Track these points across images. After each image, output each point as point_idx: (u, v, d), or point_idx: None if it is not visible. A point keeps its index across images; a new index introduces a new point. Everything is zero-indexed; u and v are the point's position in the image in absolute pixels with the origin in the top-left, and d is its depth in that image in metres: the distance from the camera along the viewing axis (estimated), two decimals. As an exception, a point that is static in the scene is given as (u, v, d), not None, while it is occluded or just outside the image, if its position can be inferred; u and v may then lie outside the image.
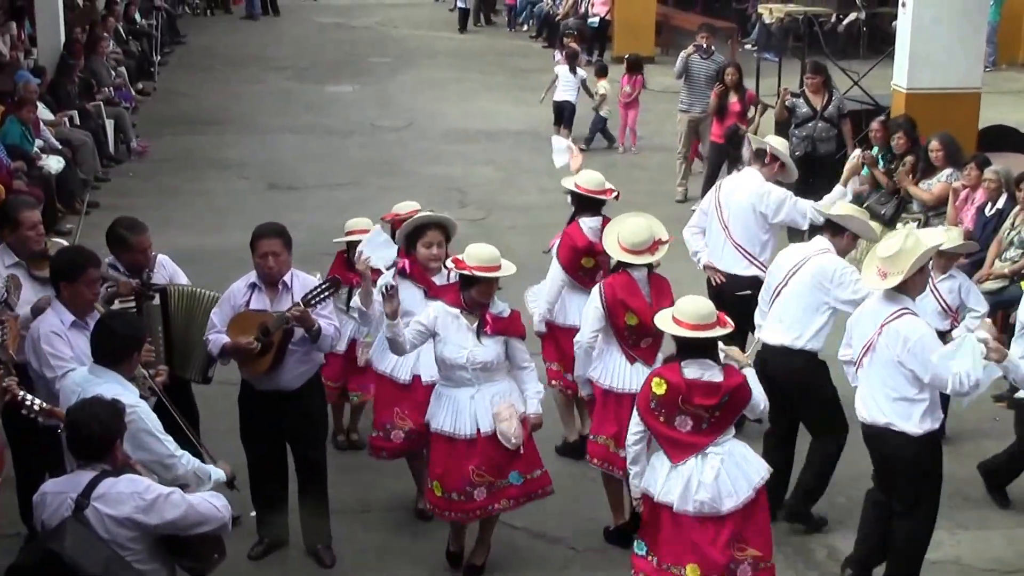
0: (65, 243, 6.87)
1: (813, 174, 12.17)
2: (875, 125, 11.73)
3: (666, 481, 5.73)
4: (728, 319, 5.82)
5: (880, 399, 6.08)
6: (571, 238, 7.54)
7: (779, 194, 8.07)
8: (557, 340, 7.69)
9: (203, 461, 5.53)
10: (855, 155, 8.93)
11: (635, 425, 5.83)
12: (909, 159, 10.84)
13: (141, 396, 5.43)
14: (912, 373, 5.93)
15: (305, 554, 6.82)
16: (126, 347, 5.37)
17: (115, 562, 4.69)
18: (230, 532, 5.01)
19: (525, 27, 25.53)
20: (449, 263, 6.60)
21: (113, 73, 17.01)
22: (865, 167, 11.46)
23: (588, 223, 7.53)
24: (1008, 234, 9.53)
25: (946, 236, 7.22)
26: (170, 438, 5.37)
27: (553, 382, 7.79)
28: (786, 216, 8.08)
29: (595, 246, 7.37)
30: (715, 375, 5.70)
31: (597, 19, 22.03)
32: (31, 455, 6.34)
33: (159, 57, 21.05)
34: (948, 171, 10.54)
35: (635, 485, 5.90)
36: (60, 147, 13.24)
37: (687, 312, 5.74)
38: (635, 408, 5.88)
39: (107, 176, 14.34)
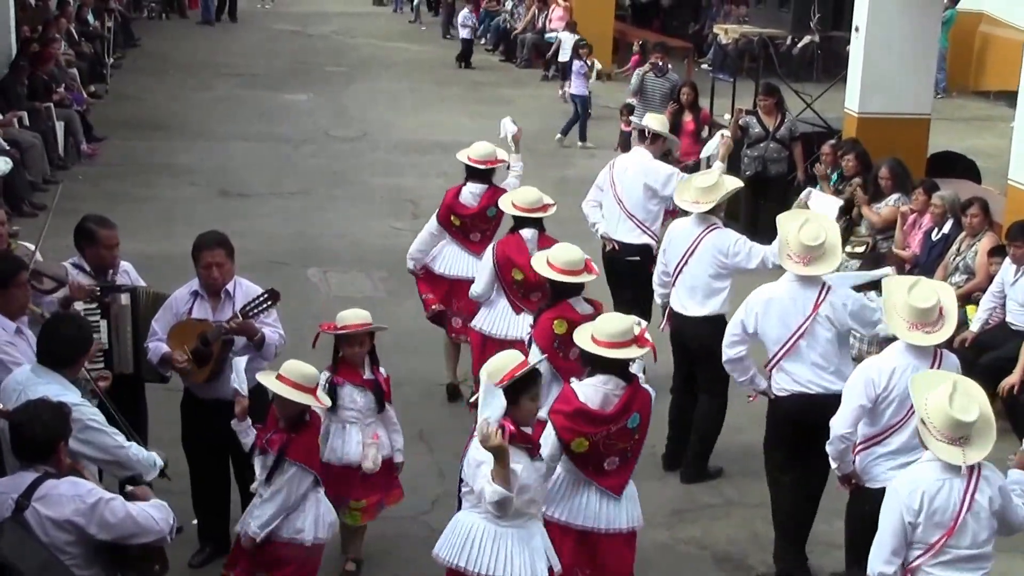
0: (30, 246, 6.77)
1: (764, 195, 12.28)
2: (826, 148, 11.85)
3: None
4: (595, 267, 6.79)
5: None
6: (448, 196, 8.78)
7: (666, 170, 8.96)
8: (431, 282, 8.80)
9: None
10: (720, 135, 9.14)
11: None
12: (857, 180, 10.96)
13: (84, 398, 5.37)
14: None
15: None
16: (73, 350, 5.34)
17: (53, 566, 4.64)
18: (169, 542, 4.95)
19: (483, 40, 25.57)
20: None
21: (66, 75, 16.79)
22: (818, 184, 11.58)
23: (470, 188, 8.70)
24: (954, 259, 9.64)
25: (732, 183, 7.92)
26: (115, 430, 5.34)
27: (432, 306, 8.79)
28: (669, 191, 8.67)
29: (461, 207, 8.64)
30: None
31: (555, 35, 22.09)
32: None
33: (112, 60, 20.84)
34: (896, 195, 10.66)
35: None
36: (8, 148, 13.05)
37: (561, 260, 6.58)
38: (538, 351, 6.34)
39: (56, 179, 14.15)
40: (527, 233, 7.76)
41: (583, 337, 5.77)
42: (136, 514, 4.78)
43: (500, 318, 7.87)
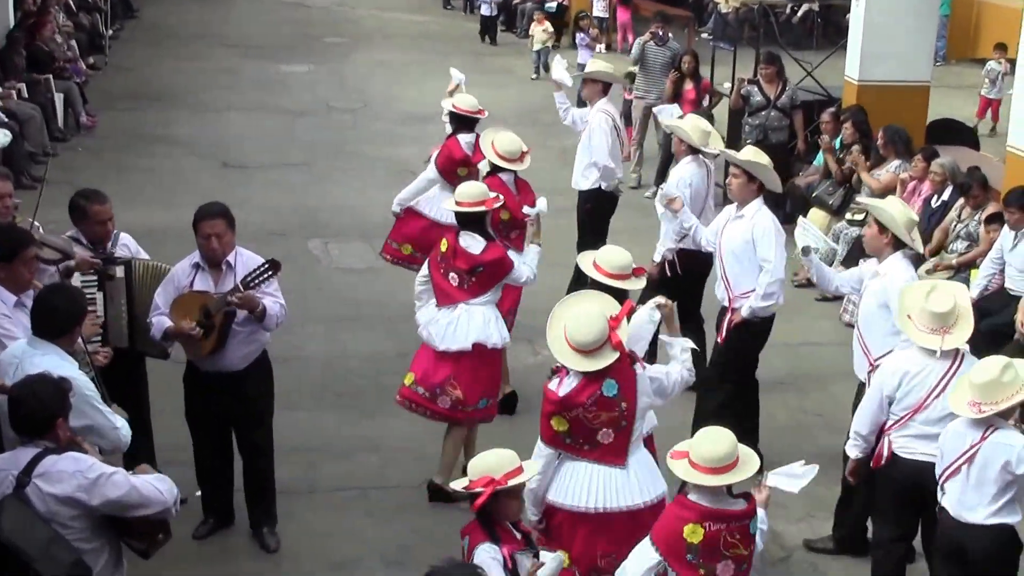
0: (31, 220, 6.77)
1: (764, 163, 12.26)
2: (825, 116, 11.84)
3: None
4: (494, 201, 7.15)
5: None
6: (449, 150, 8.84)
7: None
8: (408, 224, 9.02)
9: None
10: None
11: None
12: (857, 147, 10.97)
13: (80, 370, 5.36)
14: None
15: (250, 536, 6.80)
16: (67, 321, 5.31)
17: (55, 542, 4.63)
18: (175, 515, 4.95)
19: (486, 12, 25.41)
20: None
21: (64, 46, 16.75)
22: (820, 154, 11.58)
23: (464, 139, 8.85)
24: (955, 226, 9.66)
25: None
26: (109, 409, 5.33)
27: (388, 256, 9.19)
28: None
29: (470, 159, 8.73)
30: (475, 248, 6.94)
31: (555, 4, 21.99)
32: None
33: (110, 31, 20.75)
34: (896, 162, 10.68)
35: None
36: (6, 120, 13.04)
37: (463, 195, 7.05)
38: None
39: (55, 151, 14.13)
40: (505, 176, 8.14)
41: (587, 263, 5.92)
42: (140, 485, 4.76)
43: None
